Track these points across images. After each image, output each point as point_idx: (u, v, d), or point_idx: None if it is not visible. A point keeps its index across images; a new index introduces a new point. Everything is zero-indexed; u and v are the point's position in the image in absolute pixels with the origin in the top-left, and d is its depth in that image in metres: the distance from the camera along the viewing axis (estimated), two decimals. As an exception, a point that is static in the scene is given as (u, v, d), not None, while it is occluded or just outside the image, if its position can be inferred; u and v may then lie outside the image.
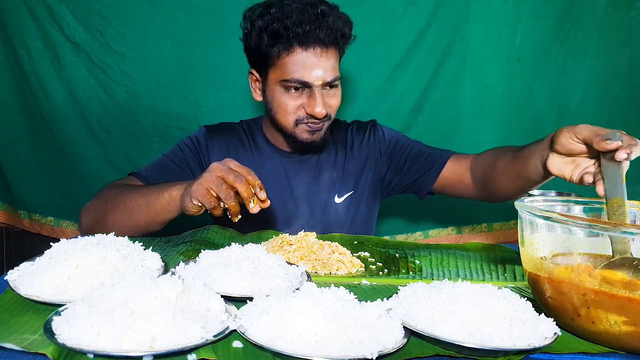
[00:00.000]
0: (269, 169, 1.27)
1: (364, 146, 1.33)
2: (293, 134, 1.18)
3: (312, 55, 1.10)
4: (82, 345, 0.51)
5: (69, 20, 1.57)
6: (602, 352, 0.61)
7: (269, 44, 1.10)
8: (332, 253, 0.92)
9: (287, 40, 1.08)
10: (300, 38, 1.08)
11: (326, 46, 1.11)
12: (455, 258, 1.01)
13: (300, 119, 1.15)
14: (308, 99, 1.12)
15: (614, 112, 1.92)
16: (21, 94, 1.63)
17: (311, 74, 1.10)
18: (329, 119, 1.18)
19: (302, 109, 1.14)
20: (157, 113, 1.66)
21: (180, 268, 0.76)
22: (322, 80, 1.11)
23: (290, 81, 1.10)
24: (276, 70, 1.13)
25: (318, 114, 1.12)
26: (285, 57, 1.10)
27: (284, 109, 1.15)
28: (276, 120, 1.18)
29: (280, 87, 1.13)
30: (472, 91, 1.80)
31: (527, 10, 1.77)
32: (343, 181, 1.30)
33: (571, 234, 0.67)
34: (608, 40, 1.85)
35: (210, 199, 0.87)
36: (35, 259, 0.71)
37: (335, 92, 1.17)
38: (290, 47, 1.09)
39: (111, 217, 1.03)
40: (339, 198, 1.29)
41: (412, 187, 1.32)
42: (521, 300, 0.63)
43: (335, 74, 1.14)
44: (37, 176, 1.68)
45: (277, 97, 1.15)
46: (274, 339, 0.54)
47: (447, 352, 0.58)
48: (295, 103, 1.14)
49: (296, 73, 1.10)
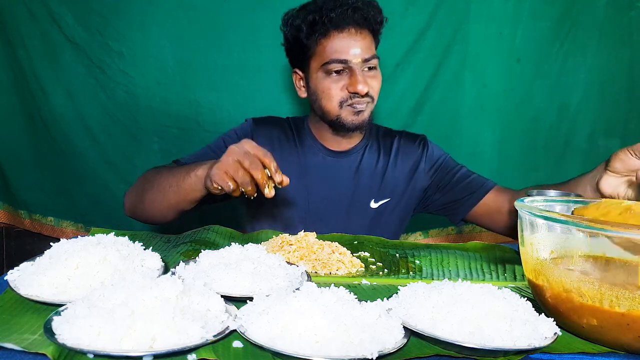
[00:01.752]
0: (311, 165, 1.29)
1: (409, 157, 1.33)
2: (339, 118, 1.20)
3: (348, 36, 1.16)
4: (82, 345, 0.51)
5: (68, 20, 1.57)
6: (602, 352, 0.61)
7: (307, 34, 1.17)
8: (332, 253, 0.92)
9: (323, 26, 1.15)
10: (334, 22, 1.14)
11: (360, 26, 1.16)
12: (455, 258, 1.01)
13: (344, 99, 1.18)
14: (350, 78, 1.17)
15: (614, 112, 1.92)
16: (21, 94, 1.63)
17: (349, 52, 1.15)
18: (371, 99, 1.21)
19: (345, 90, 1.17)
20: (157, 113, 1.66)
21: (180, 268, 0.76)
22: (361, 58, 1.16)
23: (331, 62, 1.15)
24: (317, 58, 1.19)
25: (360, 91, 1.15)
26: (324, 42, 1.16)
27: (327, 93, 1.19)
28: (322, 108, 1.21)
29: (322, 72, 1.18)
30: (472, 91, 1.80)
31: (527, 10, 1.77)
32: (382, 187, 1.30)
33: (571, 234, 0.67)
34: (608, 40, 1.85)
35: (228, 182, 0.88)
36: (35, 259, 0.71)
37: (375, 74, 1.21)
38: (327, 32, 1.16)
39: (147, 196, 1.08)
40: (375, 203, 1.30)
41: (448, 209, 1.32)
42: (521, 300, 0.63)
43: (372, 52, 1.19)
44: (37, 176, 1.68)
45: (320, 83, 1.19)
46: (274, 339, 0.54)
47: (447, 352, 0.58)
48: (338, 85, 1.18)
49: (335, 54, 1.15)
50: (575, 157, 1.92)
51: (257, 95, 1.69)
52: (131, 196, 1.14)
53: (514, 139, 1.88)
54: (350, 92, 1.17)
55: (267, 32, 1.64)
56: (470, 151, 1.84)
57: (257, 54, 1.66)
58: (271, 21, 1.63)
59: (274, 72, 1.67)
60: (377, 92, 1.22)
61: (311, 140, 1.31)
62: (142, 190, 1.10)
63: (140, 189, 1.11)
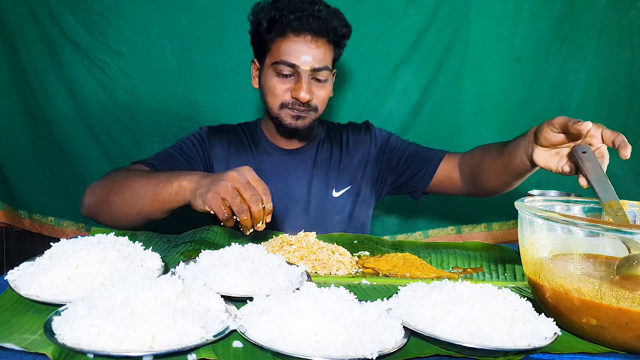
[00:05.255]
0: (268, 166, 1.32)
1: (358, 145, 1.38)
2: (278, 117, 1.23)
3: (303, 42, 1.17)
4: (82, 345, 0.51)
5: (69, 20, 1.57)
6: (602, 352, 0.61)
7: (266, 29, 1.19)
8: (333, 253, 0.92)
9: (281, 26, 1.16)
10: (292, 24, 1.15)
11: (317, 35, 1.17)
12: (455, 258, 1.01)
13: (286, 102, 1.20)
14: (295, 83, 1.19)
15: (614, 112, 1.92)
16: (21, 93, 1.63)
17: (299, 58, 1.16)
18: (314, 109, 1.23)
19: (289, 93, 1.20)
20: (157, 113, 1.66)
21: (180, 268, 0.76)
22: (310, 67, 1.17)
23: (280, 63, 1.17)
24: (270, 55, 1.20)
25: (302, 99, 1.17)
26: (279, 42, 1.18)
27: (272, 91, 1.21)
28: (266, 103, 1.25)
29: (272, 70, 1.20)
30: (472, 91, 1.80)
31: (527, 10, 1.77)
32: (340, 176, 1.35)
33: (571, 234, 0.67)
34: (608, 40, 1.85)
35: (224, 209, 0.85)
36: (35, 259, 0.71)
37: (324, 85, 1.22)
38: (284, 33, 1.17)
39: (116, 198, 1.01)
40: (337, 192, 1.34)
41: (407, 187, 1.36)
42: (521, 300, 0.63)
43: (324, 63, 1.19)
44: (37, 176, 1.68)
45: (268, 79, 1.21)
46: (274, 339, 0.54)
47: (447, 352, 0.58)
48: (283, 87, 1.20)
49: (286, 56, 1.17)
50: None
51: (257, 96, 1.69)
52: (93, 195, 1.06)
53: (514, 139, 1.88)
54: (292, 97, 1.19)
55: (267, 32, 1.64)
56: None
57: (257, 54, 1.66)
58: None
59: (274, 72, 1.67)
60: (322, 102, 1.24)
61: (265, 142, 1.34)
62: (109, 192, 1.03)
63: (107, 190, 1.04)
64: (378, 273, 0.90)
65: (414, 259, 0.94)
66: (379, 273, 0.89)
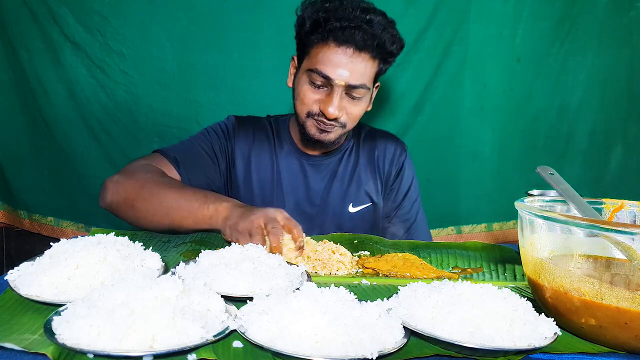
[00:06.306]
0: (286, 168, 1.28)
1: (387, 165, 1.33)
2: (303, 125, 1.18)
3: (343, 54, 1.08)
4: (82, 345, 0.51)
5: (69, 20, 1.57)
6: (602, 352, 0.61)
7: (308, 31, 1.11)
8: (333, 253, 0.92)
9: (324, 32, 1.08)
10: (336, 32, 1.07)
11: (360, 49, 1.08)
12: (455, 258, 1.01)
13: (313, 113, 1.15)
14: (326, 96, 1.12)
15: (614, 112, 1.92)
16: (21, 93, 1.63)
17: (336, 71, 1.09)
18: (342, 125, 1.16)
19: (318, 104, 1.14)
20: (157, 113, 1.66)
21: (180, 268, 0.76)
22: (345, 82, 1.09)
23: (315, 71, 1.10)
24: (308, 59, 1.13)
25: (329, 114, 1.11)
26: (319, 48, 1.10)
27: (302, 98, 1.15)
28: (295, 106, 1.19)
29: (306, 76, 1.14)
30: (472, 91, 1.80)
31: (527, 10, 1.77)
32: (359, 192, 1.29)
33: (571, 234, 0.67)
34: (608, 40, 1.85)
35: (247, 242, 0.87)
36: (35, 259, 0.71)
37: (359, 102, 1.15)
38: (326, 40, 1.09)
39: (144, 206, 1.00)
40: (353, 208, 1.29)
41: None
42: (521, 300, 0.63)
43: (362, 80, 1.11)
44: (37, 176, 1.68)
45: (301, 84, 1.15)
46: (274, 339, 0.54)
47: (447, 352, 0.58)
48: (314, 96, 1.13)
49: (322, 65, 1.09)
50: (575, 157, 1.92)
51: (257, 95, 1.69)
52: (117, 194, 1.03)
53: (514, 139, 1.88)
54: (320, 109, 1.13)
55: (267, 32, 1.64)
56: (470, 151, 1.84)
57: (257, 54, 1.66)
58: (271, 21, 1.64)
59: (274, 72, 1.67)
60: (353, 119, 1.17)
61: (289, 142, 1.29)
62: (137, 197, 1.01)
63: (134, 194, 1.02)
64: (378, 273, 0.90)
65: (414, 259, 0.94)
66: (379, 273, 0.89)
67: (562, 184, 0.78)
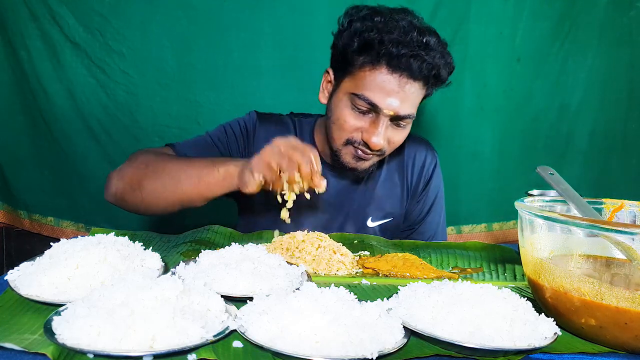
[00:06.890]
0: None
1: (415, 176, 1.26)
2: (338, 152, 1.10)
3: (395, 82, 0.99)
4: (82, 345, 0.51)
5: (69, 20, 1.57)
6: (602, 352, 0.61)
7: (356, 50, 1.00)
8: (334, 254, 0.92)
9: (377, 55, 0.98)
10: (390, 58, 0.97)
11: (414, 79, 1.00)
12: (455, 258, 1.01)
13: (352, 141, 1.06)
14: (370, 124, 1.03)
15: (614, 112, 1.92)
16: (21, 94, 1.62)
17: (385, 100, 1.00)
18: (381, 154, 1.10)
19: (360, 133, 1.05)
20: (157, 113, 1.66)
21: (180, 268, 0.76)
22: (394, 112, 1.01)
23: (361, 97, 1.01)
24: (352, 81, 1.03)
25: (373, 145, 1.03)
26: (367, 71, 1.00)
27: (341, 124, 1.05)
28: (330, 131, 1.10)
29: (348, 99, 1.04)
30: (472, 91, 1.80)
31: (527, 10, 1.77)
32: (381, 207, 1.24)
33: (571, 234, 0.67)
34: (608, 40, 1.85)
35: (271, 170, 0.84)
36: (35, 259, 0.71)
37: (402, 130, 1.08)
38: (377, 64, 0.99)
39: (151, 183, 0.96)
40: (372, 222, 1.23)
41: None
42: (521, 300, 0.63)
43: (410, 110, 1.03)
44: (37, 176, 1.68)
45: (341, 108, 1.05)
46: (274, 339, 0.54)
47: (447, 352, 0.58)
48: (356, 123, 1.04)
49: (370, 92, 1.00)
50: (575, 157, 1.92)
51: (257, 95, 1.69)
52: (123, 180, 1.00)
53: (514, 139, 1.88)
54: (363, 139, 1.04)
55: (267, 32, 1.64)
56: (470, 151, 1.84)
57: (257, 54, 1.66)
58: (271, 21, 1.64)
59: (274, 72, 1.67)
60: (393, 147, 1.10)
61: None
62: (143, 177, 0.97)
63: (140, 175, 0.98)
64: (378, 273, 0.90)
65: (414, 259, 0.94)
66: (379, 273, 0.89)
67: (562, 184, 0.78)
